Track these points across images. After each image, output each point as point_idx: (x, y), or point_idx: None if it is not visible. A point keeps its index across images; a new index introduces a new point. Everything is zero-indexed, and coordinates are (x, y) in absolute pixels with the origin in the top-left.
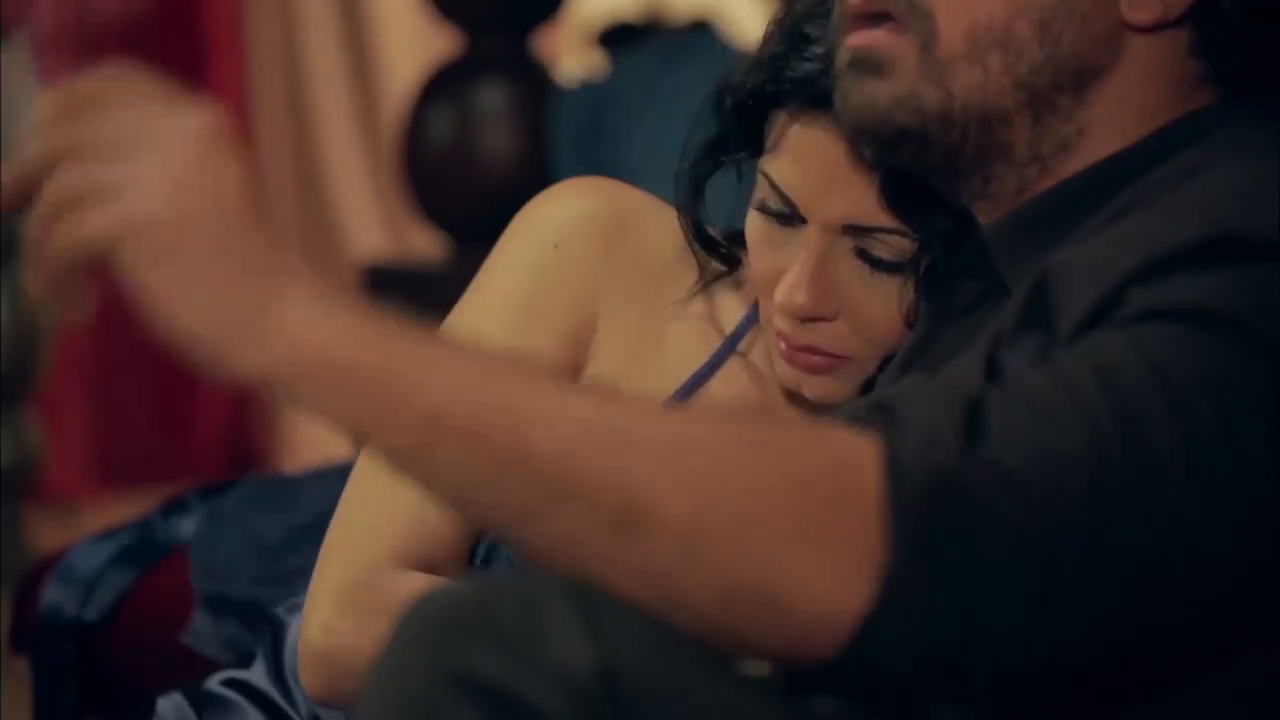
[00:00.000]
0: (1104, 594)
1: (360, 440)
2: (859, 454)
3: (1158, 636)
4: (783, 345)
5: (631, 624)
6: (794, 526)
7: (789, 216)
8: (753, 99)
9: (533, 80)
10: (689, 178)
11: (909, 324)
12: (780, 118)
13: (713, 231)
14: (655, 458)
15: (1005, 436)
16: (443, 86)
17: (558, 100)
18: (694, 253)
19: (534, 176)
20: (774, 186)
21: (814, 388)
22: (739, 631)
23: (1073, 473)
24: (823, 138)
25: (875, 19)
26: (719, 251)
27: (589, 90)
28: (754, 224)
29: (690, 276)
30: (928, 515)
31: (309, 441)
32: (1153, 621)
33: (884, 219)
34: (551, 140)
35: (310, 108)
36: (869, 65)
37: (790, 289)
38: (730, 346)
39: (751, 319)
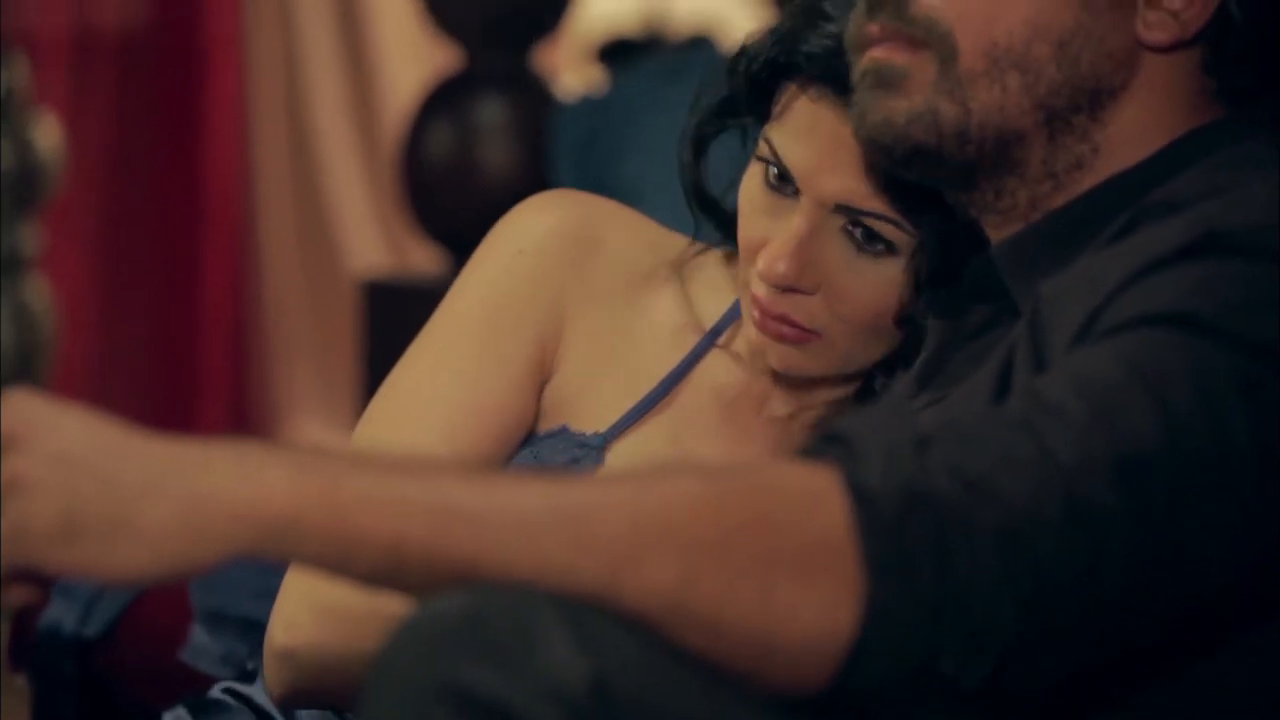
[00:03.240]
0: (1088, 582)
1: (332, 574)
2: (821, 485)
3: (1147, 621)
4: (756, 312)
5: (623, 636)
6: (772, 567)
7: (785, 185)
8: (765, 69)
9: (532, 95)
10: (693, 136)
11: (898, 322)
12: (789, 88)
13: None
14: (622, 529)
15: (968, 449)
16: (442, 101)
17: (557, 115)
18: (691, 212)
19: (534, 191)
20: (775, 155)
21: (781, 357)
22: (733, 669)
23: (1044, 470)
24: (828, 115)
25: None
26: (716, 213)
27: (588, 105)
28: (750, 188)
29: (664, 283)
30: (898, 531)
31: None
32: (1140, 606)
33: (878, 204)
34: (551, 155)
35: (309, 122)
36: (887, 80)
37: (773, 258)
38: (710, 340)
39: (732, 315)
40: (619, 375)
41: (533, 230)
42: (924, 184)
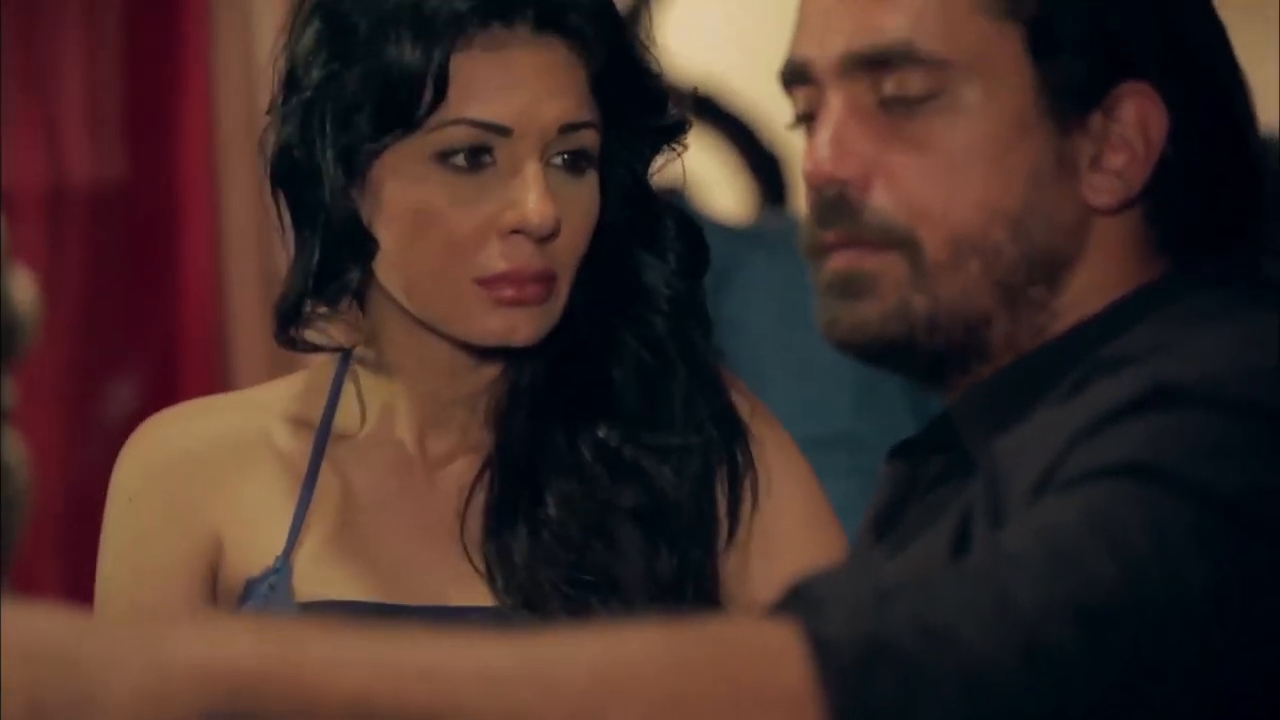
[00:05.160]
0: None
1: None
2: (779, 639)
3: None
4: (508, 292)
5: None
6: None
7: (481, 157)
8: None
9: None
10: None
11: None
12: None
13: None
14: (585, 682)
15: (929, 600)
16: None
17: None
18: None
19: None
20: (474, 123)
21: (529, 325)
22: None
23: (1005, 618)
24: (520, 54)
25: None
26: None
27: None
28: (432, 191)
29: (270, 424)
30: (860, 683)
31: None
32: None
33: (587, 112)
34: None
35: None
36: (855, 288)
37: (537, 204)
38: (325, 429)
39: (334, 399)
40: (273, 516)
41: (134, 475)
42: (895, 375)
